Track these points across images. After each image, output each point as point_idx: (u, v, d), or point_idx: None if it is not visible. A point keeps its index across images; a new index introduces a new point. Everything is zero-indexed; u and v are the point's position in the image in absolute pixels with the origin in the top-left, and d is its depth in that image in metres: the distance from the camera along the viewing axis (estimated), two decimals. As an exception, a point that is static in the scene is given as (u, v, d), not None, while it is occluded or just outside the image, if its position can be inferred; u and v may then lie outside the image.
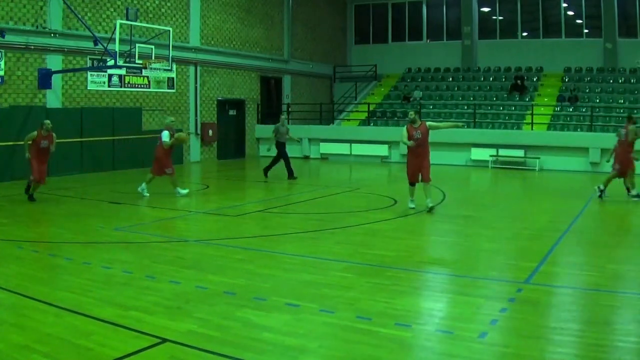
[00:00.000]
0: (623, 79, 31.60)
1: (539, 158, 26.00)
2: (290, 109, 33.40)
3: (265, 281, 8.40)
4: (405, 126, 14.48)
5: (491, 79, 34.32)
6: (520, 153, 26.56)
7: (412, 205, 14.61)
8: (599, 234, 12.61)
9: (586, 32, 34.56)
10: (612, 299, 7.82)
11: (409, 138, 14.12)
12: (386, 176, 24.38)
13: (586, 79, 32.27)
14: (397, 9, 38.91)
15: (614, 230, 13.23)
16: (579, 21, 34.85)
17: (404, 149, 28.44)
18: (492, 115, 30.23)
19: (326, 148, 30.56)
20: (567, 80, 32.38)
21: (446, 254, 10.75)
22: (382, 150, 29.15)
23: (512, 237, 12.06)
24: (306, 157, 30.29)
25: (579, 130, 27.86)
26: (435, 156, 16.17)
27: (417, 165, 14.31)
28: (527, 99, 31.15)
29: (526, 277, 8.65)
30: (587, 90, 31.08)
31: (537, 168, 25.71)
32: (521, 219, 14.28)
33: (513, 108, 30.72)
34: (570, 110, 29.66)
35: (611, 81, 31.61)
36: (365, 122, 32.08)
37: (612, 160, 17.02)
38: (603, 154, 25.23)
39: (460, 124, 16.03)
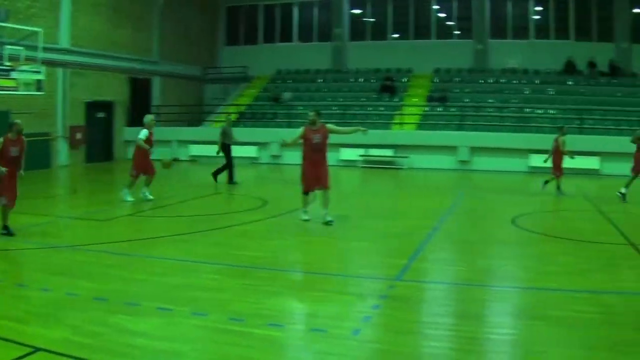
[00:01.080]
0: (493, 79, 32.91)
1: (407, 157, 26.64)
2: (159, 111, 32.78)
3: (136, 286, 8.12)
4: (303, 128, 13.07)
5: (361, 80, 34.91)
6: (389, 152, 27.15)
7: (307, 217, 13.10)
8: (468, 230, 13.02)
9: (457, 34, 35.81)
10: (483, 293, 8.08)
11: (308, 142, 12.83)
12: (256, 177, 24.30)
13: (456, 80, 33.39)
14: (268, 11, 38.97)
15: (483, 226, 13.67)
16: (449, 23, 36.04)
17: (275, 150, 28.75)
18: (361, 116, 30.67)
19: (195, 150, 30.13)
20: (436, 80, 33.38)
21: (317, 254, 10.76)
22: (252, 151, 29.04)
23: (382, 235, 12.21)
24: (175, 160, 29.80)
25: (448, 129, 28.74)
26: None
27: (314, 172, 12.94)
28: (397, 100, 31.86)
29: (397, 274, 8.76)
30: (456, 91, 32.13)
31: (406, 167, 26.32)
32: (391, 217, 14.52)
33: (382, 109, 31.33)
34: (440, 110, 30.55)
35: (481, 81, 32.88)
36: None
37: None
38: (472, 152, 26.22)
39: (362, 128, 14.78)
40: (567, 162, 18.76)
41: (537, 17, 35.55)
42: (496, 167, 26.45)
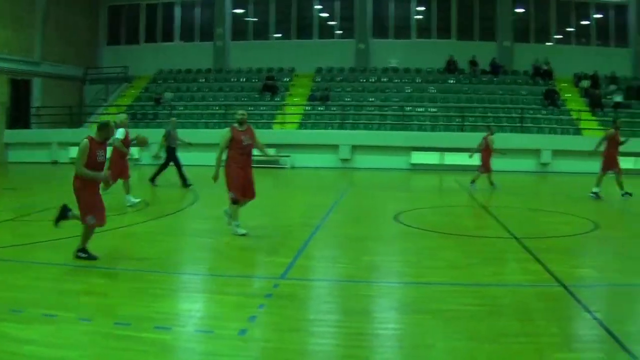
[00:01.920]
0: (374, 78, 33.46)
1: (289, 156, 26.71)
2: (39, 112, 31.69)
3: (20, 292, 7.68)
4: (228, 128, 11.77)
5: (243, 79, 34.86)
6: (271, 152, 27.05)
7: (243, 232, 11.46)
8: (351, 227, 13.09)
9: (339, 33, 36.23)
10: (368, 289, 8.12)
11: (237, 144, 11.45)
12: (138, 178, 23.75)
13: (338, 79, 33.75)
14: (150, 10, 38.45)
15: (366, 223, 13.81)
16: (332, 22, 36.41)
17: (155, 150, 28.08)
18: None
19: (76, 152, 29.03)
20: (318, 80, 33.63)
21: (202, 254, 10.58)
22: (133, 152, 28.36)
23: (266, 234, 12.13)
24: (54, 162, 28.82)
25: (329, 128, 29.01)
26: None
27: (244, 178, 11.56)
28: (279, 99, 31.92)
29: (282, 273, 8.69)
30: (338, 90, 32.48)
31: (288, 166, 26.36)
32: (275, 215, 14.49)
33: (264, 108, 31.33)
34: (321, 109, 30.78)
35: (362, 80, 33.40)
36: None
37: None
38: (354, 151, 26.52)
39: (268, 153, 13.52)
40: (453, 159, 19.26)
41: (419, 17, 36.47)
42: (378, 164, 26.93)
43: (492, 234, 12.16)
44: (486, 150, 20.12)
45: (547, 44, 37.15)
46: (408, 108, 30.50)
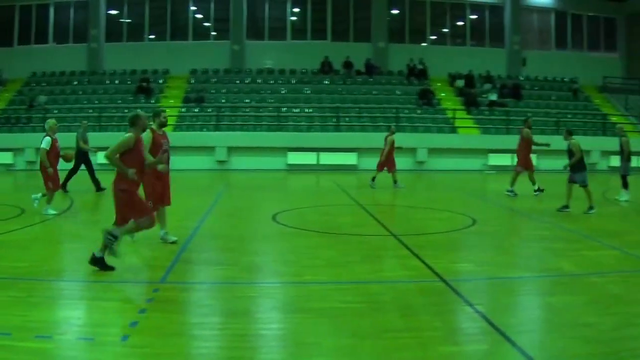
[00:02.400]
0: (249, 79, 33.49)
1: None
2: None
3: None
4: (149, 131, 10.56)
5: (117, 82, 34.07)
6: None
7: (174, 238, 10.90)
8: (229, 229, 13.03)
9: (214, 35, 36.07)
10: (249, 290, 8.10)
11: (157, 149, 10.56)
12: (11, 184, 22.92)
13: (212, 80, 33.57)
14: (24, 11, 36.89)
15: (244, 224, 13.81)
16: (207, 24, 36.18)
17: (30, 156, 27.23)
18: (118, 118, 29.96)
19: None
20: (193, 81, 33.33)
21: (80, 261, 10.26)
22: (7, 157, 27.47)
23: (143, 237, 11.90)
24: None
25: (205, 130, 28.84)
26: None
27: (162, 186, 10.94)
28: (153, 101, 31.46)
29: (161, 277, 8.56)
30: (213, 91, 32.31)
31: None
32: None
33: (139, 110, 30.76)
34: (196, 111, 30.54)
35: (237, 82, 33.36)
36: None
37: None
38: (230, 152, 26.44)
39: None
40: (329, 159, 19.50)
41: (294, 18, 36.74)
42: (255, 166, 26.98)
43: (371, 232, 12.42)
44: (390, 150, 21.05)
45: (422, 44, 38.37)
46: (283, 109, 30.68)
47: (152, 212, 9.52)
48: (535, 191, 18.94)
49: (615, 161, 29.26)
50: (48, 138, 14.35)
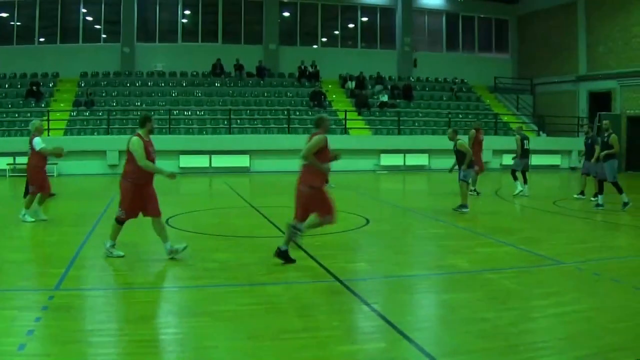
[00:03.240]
0: (140, 82, 33.05)
1: (56, 163, 25.70)
2: None
3: None
4: (138, 139, 9.94)
5: (7, 85, 32.84)
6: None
7: (121, 253, 10.11)
8: (123, 233, 12.41)
9: (104, 37, 35.35)
10: (145, 295, 8.07)
11: (148, 155, 9.95)
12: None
13: (103, 83, 32.92)
14: None
15: (138, 228, 13.43)
16: (97, 26, 35.43)
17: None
18: (7, 122, 29.01)
19: None
20: (83, 85, 32.58)
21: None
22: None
23: (37, 244, 11.68)
24: None
25: (95, 134, 28.28)
26: None
27: (144, 195, 10.30)
28: (43, 105, 30.57)
29: (55, 284, 8.38)
30: (103, 95, 31.72)
31: (55, 174, 25.36)
32: (43, 226, 13.75)
33: (29, 115, 29.86)
34: (87, 114, 29.91)
35: (128, 85, 32.83)
36: None
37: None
38: (121, 156, 25.94)
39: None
40: (221, 162, 19.47)
41: (186, 20, 36.44)
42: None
43: (265, 234, 12.52)
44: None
45: (314, 46, 38.73)
46: (175, 112, 30.38)
47: (335, 210, 9.90)
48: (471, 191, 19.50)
49: (508, 160, 30.60)
50: (39, 138, 14.12)
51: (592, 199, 18.07)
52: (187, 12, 36.54)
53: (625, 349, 6.20)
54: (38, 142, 14.03)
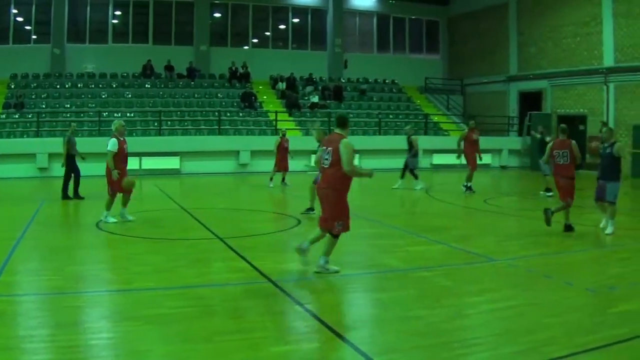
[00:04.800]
0: (70, 84, 32.45)
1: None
2: None
3: None
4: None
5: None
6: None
7: (337, 268, 9.62)
8: (54, 238, 12.59)
9: (35, 38, 34.51)
10: (77, 300, 7.94)
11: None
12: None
13: (33, 85, 32.19)
14: None
15: (68, 233, 13.50)
16: (28, 27, 34.60)
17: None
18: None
19: None
20: (13, 86, 31.78)
21: None
22: None
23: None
24: None
25: (25, 136, 27.67)
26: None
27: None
28: (-27, 108, 29.80)
29: (-15, 289, 8.25)
30: (33, 97, 31.01)
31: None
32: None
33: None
34: (17, 117, 29.23)
35: (58, 86, 32.18)
36: None
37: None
38: (51, 159, 25.49)
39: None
40: (152, 164, 19.29)
41: (116, 21, 35.92)
42: (83, 172, 26.16)
43: (196, 236, 12.49)
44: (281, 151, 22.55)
45: (245, 47, 38.57)
46: (105, 114, 29.89)
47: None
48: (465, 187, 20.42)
49: (439, 159, 31.07)
50: (114, 140, 14.41)
51: (547, 194, 19.39)
52: (117, 12, 35.93)
53: (559, 344, 6.37)
54: (111, 144, 14.21)
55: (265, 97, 35.20)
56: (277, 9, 39.36)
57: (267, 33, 39.65)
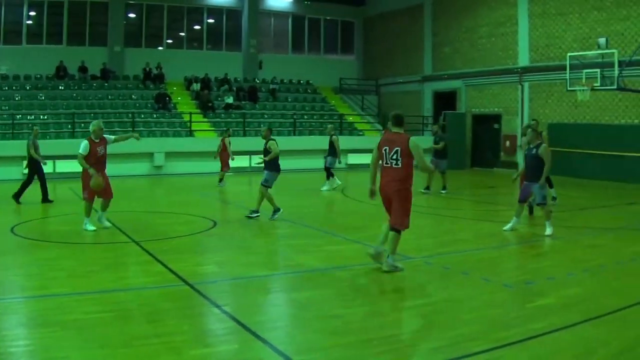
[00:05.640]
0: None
1: None
2: None
3: None
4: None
5: None
6: None
7: (400, 266, 9.80)
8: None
9: None
10: (-8, 307, 7.78)
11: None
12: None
13: None
14: None
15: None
16: None
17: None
18: None
19: None
20: None
21: None
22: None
23: None
24: None
25: None
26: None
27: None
28: None
29: None
30: None
31: None
32: None
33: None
34: None
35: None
36: None
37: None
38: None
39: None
40: (64, 167, 18.97)
41: (31, 22, 34.99)
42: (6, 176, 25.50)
43: (112, 240, 12.35)
44: (225, 151, 23.55)
45: (159, 48, 38.14)
46: (18, 116, 29.14)
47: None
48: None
49: (354, 159, 31.37)
50: (85, 142, 13.51)
51: (442, 191, 20.07)
52: (32, 13, 34.97)
53: (479, 339, 6.57)
54: (82, 147, 13.46)
55: (179, 98, 34.88)
56: (192, 9, 39.04)
57: (182, 34, 39.32)
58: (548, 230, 12.84)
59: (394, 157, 9.51)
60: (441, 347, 6.32)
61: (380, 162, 9.81)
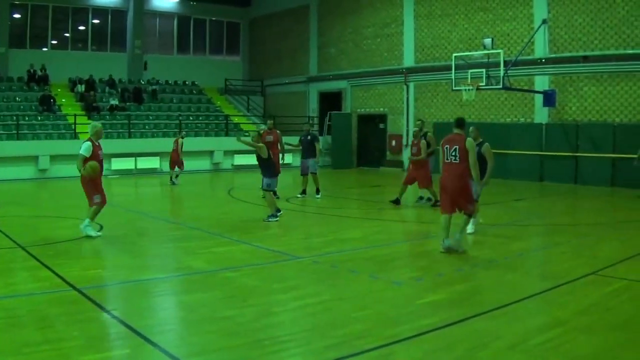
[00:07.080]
0: None
1: None
2: None
3: None
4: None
5: None
6: None
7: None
8: None
9: None
10: None
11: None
12: None
13: None
14: None
15: None
16: None
17: None
18: None
19: None
20: None
21: None
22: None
23: None
24: None
25: None
26: None
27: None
28: None
29: None
30: None
31: None
32: None
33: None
34: None
35: None
36: None
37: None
38: None
39: None
40: None
41: None
42: None
43: (-4, 245, 11.91)
44: (176, 152, 24.24)
45: (44, 49, 37.02)
46: None
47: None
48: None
49: (240, 159, 31.29)
50: (88, 143, 12.77)
51: (317, 196, 19.40)
52: None
53: (370, 336, 6.68)
54: (84, 148, 12.62)
55: (64, 100, 33.95)
56: (77, 9, 38.04)
57: (67, 34, 38.31)
58: (470, 228, 13.03)
59: (454, 154, 11.13)
60: (333, 345, 6.40)
61: (442, 158, 11.33)
